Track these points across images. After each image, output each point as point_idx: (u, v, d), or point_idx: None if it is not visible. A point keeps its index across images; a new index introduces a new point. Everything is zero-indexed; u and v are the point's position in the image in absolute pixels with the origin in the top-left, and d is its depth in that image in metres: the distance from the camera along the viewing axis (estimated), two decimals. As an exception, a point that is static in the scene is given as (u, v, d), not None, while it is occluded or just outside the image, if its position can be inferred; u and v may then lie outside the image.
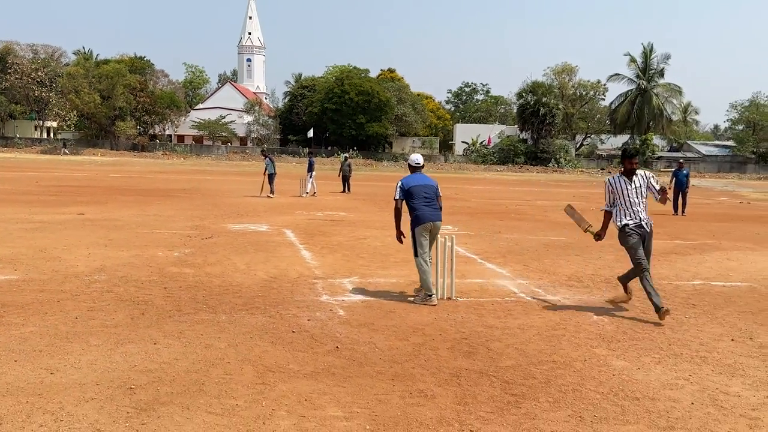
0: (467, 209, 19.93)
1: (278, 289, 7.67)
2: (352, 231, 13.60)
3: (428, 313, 6.80)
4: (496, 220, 16.71)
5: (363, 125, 65.65)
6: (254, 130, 74.05)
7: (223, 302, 6.93)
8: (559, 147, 67.47)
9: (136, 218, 14.42)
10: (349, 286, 8.01)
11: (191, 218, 14.78)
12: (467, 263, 9.98)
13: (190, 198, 20.62)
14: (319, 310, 6.77)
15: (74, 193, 21.18)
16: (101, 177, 30.99)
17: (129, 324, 6.00)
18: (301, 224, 14.40)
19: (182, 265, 8.96)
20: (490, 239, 12.95)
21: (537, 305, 7.36)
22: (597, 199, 27.35)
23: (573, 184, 43.45)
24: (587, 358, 5.47)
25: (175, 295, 7.18)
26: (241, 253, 10.14)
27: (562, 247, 12.20)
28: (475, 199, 25.14)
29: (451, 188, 32.77)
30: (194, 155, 65.44)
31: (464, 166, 64.94)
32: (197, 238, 11.60)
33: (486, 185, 38.52)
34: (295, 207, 18.81)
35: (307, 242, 11.69)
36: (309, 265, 9.37)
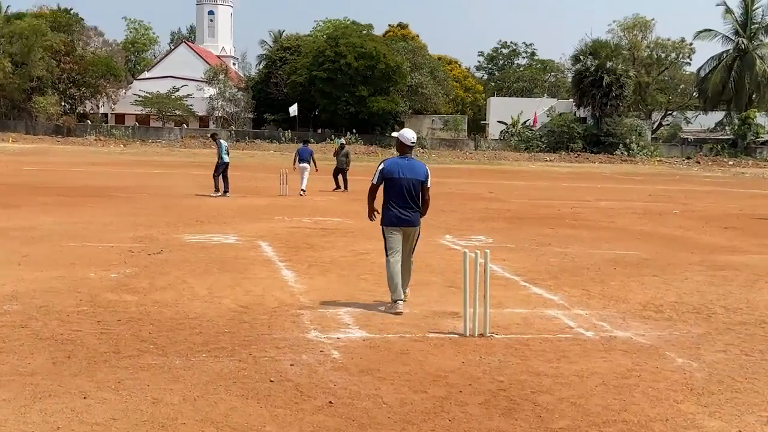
0: (506, 213, 19.92)
1: (251, 323, 7.66)
2: (350, 243, 13.61)
3: (453, 355, 6.78)
4: (545, 228, 16.70)
5: (364, 100, 65.79)
6: (218, 106, 74.28)
7: (176, 341, 6.92)
8: (629, 128, 67.44)
9: (60, 227, 14.46)
10: (347, 319, 8.00)
11: (134, 226, 14.82)
12: (506, 287, 9.96)
13: (133, 199, 20.69)
14: (307, 351, 6.75)
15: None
16: (12, 170, 31.14)
17: (50, 371, 5.99)
18: (281, 234, 14.43)
19: (122, 291, 8.96)
20: (537, 254, 12.93)
21: (601, 344, 7.32)
22: (681, 200, 27.33)
23: (648, 179, 43.45)
24: (670, 417, 5.43)
25: (113, 332, 7.16)
26: (201, 274, 10.15)
27: (634, 264, 12.16)
28: (517, 200, 25.14)
29: (484, 184, 32.81)
30: (138, 141, 65.73)
31: (501, 154, 65.00)
32: (142, 254, 11.61)
33: (531, 180, 38.52)
34: (274, 210, 18.84)
35: (289, 259, 11.69)
36: (292, 290, 9.37)
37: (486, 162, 58.84)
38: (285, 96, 70.03)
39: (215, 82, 74.01)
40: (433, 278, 10.44)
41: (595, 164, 60.51)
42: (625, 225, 18.11)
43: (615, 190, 32.03)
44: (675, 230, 17.30)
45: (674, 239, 15.63)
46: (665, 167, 60.12)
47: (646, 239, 15.42)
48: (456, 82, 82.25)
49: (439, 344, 7.15)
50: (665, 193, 30.72)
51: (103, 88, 71.24)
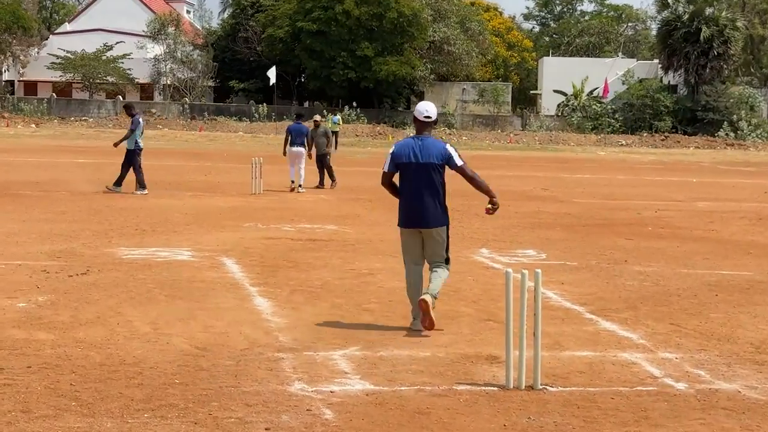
0: (565, 218, 19.88)
1: (211, 371, 7.63)
2: (349, 260, 13.60)
3: (492, 416, 6.76)
4: (619, 239, 16.68)
5: (369, 61, 65.80)
6: (167, 71, 74.33)
7: (107, 396, 6.90)
8: (737, 100, 67.25)
9: (-52, 237, 14.48)
10: (345, 365, 7.96)
11: (50, 237, 14.85)
12: (565, 321, 9.92)
13: (48, 198, 20.72)
14: (288, 410, 6.73)
15: None
16: None
17: (-67, 437, 5.99)
18: (253, 248, 14.44)
19: (33, 327, 8.93)
20: (609, 275, 12.89)
21: (697, 400, 7.26)
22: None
23: (765, 170, 43.30)
24: (794, 503, 5.40)
25: (21, 383, 7.12)
26: (142, 304, 10.13)
27: (744, 289, 12.11)
28: (580, 199, 25.11)
29: (535, 178, 32.79)
30: (55, 118, 65.94)
31: (558, 136, 64.94)
32: (61, 275, 11.60)
33: (600, 172, 38.47)
34: (243, 215, 18.86)
35: (265, 282, 11.69)
36: (269, 326, 9.34)
37: (538, 146, 58.81)
38: (259, 56, 70.06)
39: (162, 37, 74.10)
40: (464, 308, 10.43)
41: (690, 150, 60.37)
42: (732, 235, 18.04)
43: (717, 186, 31.96)
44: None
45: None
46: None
47: (760, 254, 15.36)
48: (496, 36, 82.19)
49: (472, 400, 7.10)
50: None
51: (7, 46, 71.39)
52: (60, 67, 72.14)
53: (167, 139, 55.69)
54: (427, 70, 69.85)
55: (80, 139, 51.80)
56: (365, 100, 68.75)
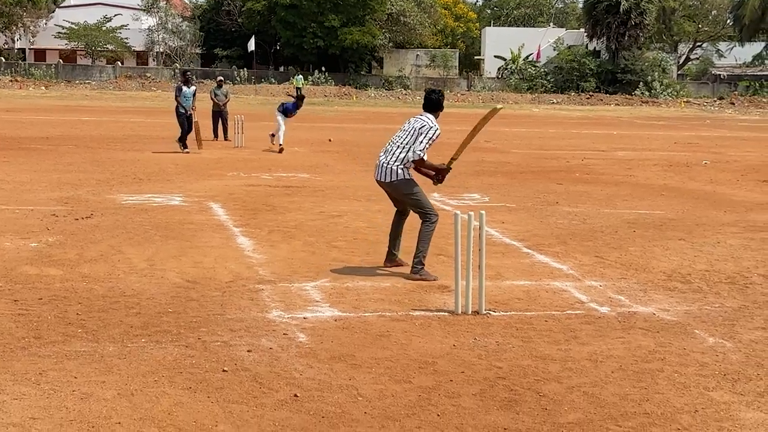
0: (505, 167, 19.94)
1: (200, 301, 7.62)
2: (319, 204, 13.57)
3: (443, 337, 6.78)
4: (551, 184, 16.73)
5: (335, 31, 65.41)
6: (159, 40, 73.55)
7: (110, 323, 6.87)
8: (651, 64, 67.61)
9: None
10: (316, 295, 7.97)
11: (59, 185, 14.70)
12: (505, 255, 9.97)
13: (57, 152, 20.48)
14: (267, 334, 6.73)
15: None
16: None
17: (-43, 361, 5.93)
18: (236, 194, 14.36)
19: (44, 263, 8.88)
20: (542, 215, 12.95)
21: (618, 322, 7.33)
22: (713, 148, 27.43)
23: (674, 124, 43.57)
24: (699, 408, 5.45)
25: (33, 313, 7.09)
26: (140, 243, 10.08)
27: (657, 225, 12.21)
28: (518, 150, 25.15)
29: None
30: (62, 81, 65.05)
31: (499, 95, 64.96)
32: (68, 219, 11.51)
33: (534, 126, 38.56)
34: (227, 165, 18.74)
35: (246, 223, 11.64)
36: (250, 261, 9.33)
37: (481, 105, 58.75)
38: (240, 27, 69.48)
39: (155, 10, 73.24)
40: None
41: (611, 107, 60.62)
42: (647, 179, 18.16)
43: (634, 138, 32.10)
44: (705, 185, 17.38)
45: (704, 195, 15.69)
46: (693, 109, 60.34)
47: (671, 196, 15.47)
48: (445, 9, 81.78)
49: (426, 324, 7.14)
50: (694, 141, 30.83)
51: (18, 17, 70.27)
52: (65, 37, 71.40)
53: (161, 100, 55.00)
54: (386, 39, 69.76)
55: (84, 100, 51.10)
56: (332, 65, 68.45)
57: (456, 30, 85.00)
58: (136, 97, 54.38)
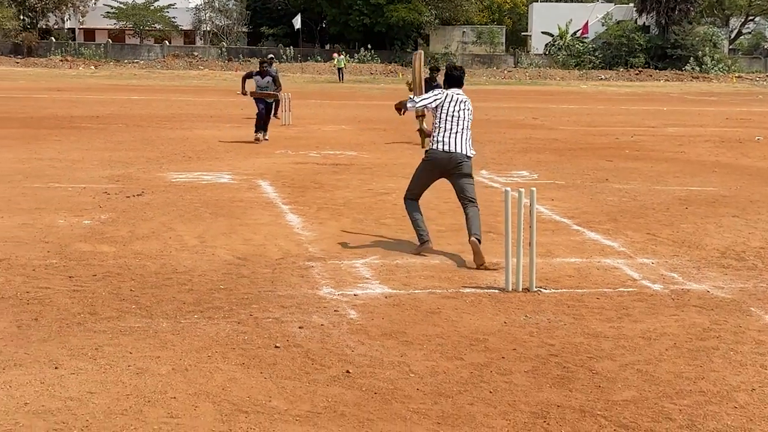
0: (553, 144, 19.77)
1: (251, 278, 7.65)
2: (367, 181, 13.56)
3: (494, 314, 6.75)
4: (601, 161, 16.57)
5: (381, 8, 65.23)
6: (207, 18, 73.87)
7: (163, 300, 6.93)
8: (702, 38, 66.60)
9: (22, 165, 14.50)
10: (366, 272, 7.97)
11: (110, 164, 14.84)
12: (555, 232, 9.90)
13: (107, 130, 20.68)
14: (318, 311, 6.75)
15: (-77, 125, 21.32)
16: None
17: (15, 336, 6.02)
18: (284, 171, 14.40)
19: (97, 241, 8.96)
20: (592, 192, 12.84)
21: (671, 299, 7.26)
22: (766, 124, 27.00)
23: (725, 99, 42.95)
24: (756, 386, 5.39)
25: (88, 289, 7.16)
26: (190, 220, 10.14)
27: (710, 202, 12.06)
28: (566, 127, 24.94)
29: (526, 109, 32.59)
30: (111, 61, 65.67)
31: (546, 71, 64.45)
32: (120, 196, 11.61)
33: (582, 103, 38.18)
34: (275, 144, 18.79)
35: (295, 201, 11.67)
36: (299, 239, 9.35)
37: (528, 81, 58.36)
38: (286, 5, 69.53)
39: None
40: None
41: (661, 82, 59.87)
42: (698, 156, 17.93)
43: (684, 114, 31.69)
44: (758, 161, 17.13)
45: (758, 172, 15.47)
46: (745, 84, 59.40)
47: (723, 172, 15.27)
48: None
49: (476, 301, 7.12)
50: (746, 116, 30.36)
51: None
52: (114, 16, 72.05)
53: (208, 78, 55.49)
54: (432, 15, 69.54)
55: (133, 79, 51.56)
56: (378, 42, 68.34)
57: (503, 6, 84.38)
58: (184, 76, 54.75)
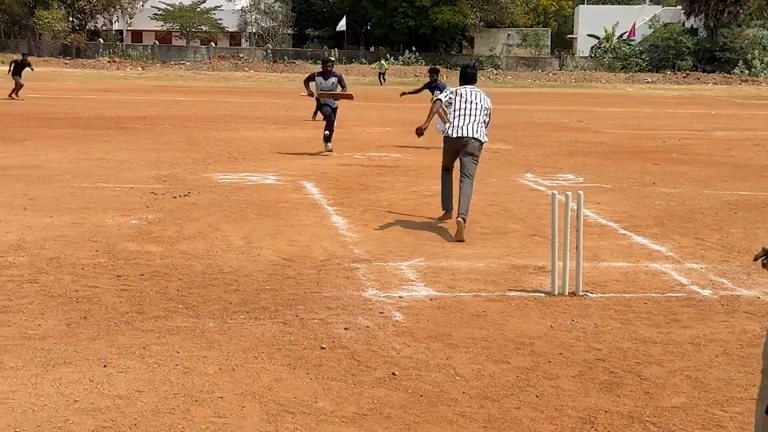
0: (599, 147, 19.63)
1: (296, 279, 7.68)
2: (411, 183, 13.56)
3: (540, 318, 6.71)
4: (648, 165, 16.43)
5: (426, 11, 65.24)
6: (252, 20, 74.33)
7: (209, 300, 6.97)
8: (752, 41, 65.83)
9: (71, 165, 14.67)
10: (411, 274, 7.96)
11: (156, 164, 14.97)
12: (602, 236, 9.83)
13: (154, 131, 20.87)
14: (363, 312, 6.76)
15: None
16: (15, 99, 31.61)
17: (64, 334, 6.09)
18: (329, 173, 14.44)
19: (144, 240, 9.05)
20: (639, 196, 12.74)
21: (721, 305, 7.18)
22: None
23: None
24: (808, 396, 5.30)
25: (135, 288, 7.24)
26: (236, 221, 10.21)
27: (759, 207, 11.93)
28: (612, 130, 24.76)
29: (572, 112, 32.41)
30: (158, 62, 66.29)
31: (592, 74, 64.05)
32: (167, 197, 11.72)
33: (629, 106, 37.89)
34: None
35: (340, 202, 11.69)
36: (344, 240, 9.37)
37: (573, 84, 58.03)
38: (331, 7, 69.80)
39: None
40: (513, 225, 10.34)
41: (709, 85, 59.21)
42: (748, 159, 17.70)
43: (733, 117, 31.32)
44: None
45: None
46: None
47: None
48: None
49: (522, 305, 7.09)
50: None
51: (117, 0, 71.72)
52: (161, 18, 72.72)
53: (253, 80, 55.87)
54: (477, 18, 69.43)
55: (179, 80, 52.01)
56: (423, 45, 68.36)
57: (548, 9, 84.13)
58: (229, 78, 55.11)
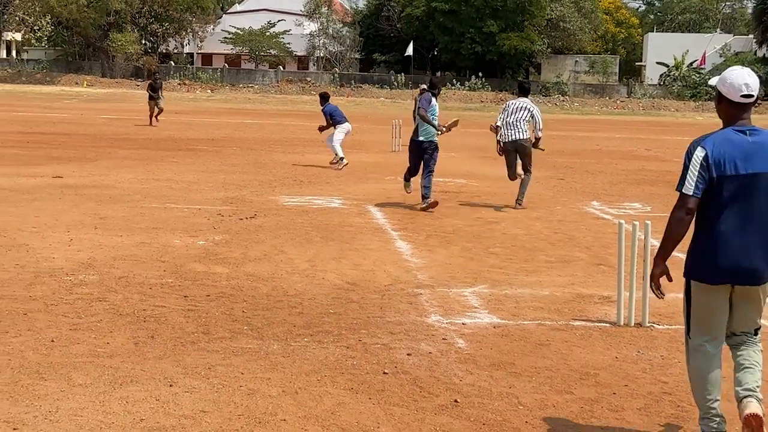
0: (667, 176, 19.37)
1: (360, 303, 7.71)
2: (476, 209, 13.53)
3: (605, 349, 6.64)
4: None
5: (493, 36, 65.21)
6: (320, 45, 74.94)
7: (274, 322, 7.03)
8: (825, 71, 64.45)
9: (141, 185, 14.92)
10: (474, 301, 7.95)
11: (224, 186, 15.14)
12: (671, 266, 9.65)
13: (222, 153, 21.14)
14: (426, 338, 6.75)
15: (47, 143, 22.17)
16: (88, 119, 32.29)
17: (132, 353, 6.18)
18: (394, 198, 14.47)
19: (211, 261, 9.16)
20: (708, 227, 12.51)
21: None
22: None
23: None
24: None
25: (201, 309, 7.33)
26: (301, 244, 10.28)
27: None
28: (680, 159, 24.30)
29: (639, 140, 32.08)
30: (227, 85, 67.13)
31: (661, 102, 63.36)
32: (233, 218, 11.85)
33: (698, 134, 37.15)
34: (385, 169, 18.88)
35: (404, 227, 11.71)
36: (408, 265, 9.38)
37: (642, 112, 57.45)
38: (398, 33, 70.06)
39: (317, 16, 74.62)
40: (578, 254, 10.25)
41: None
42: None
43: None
44: None
45: None
46: None
47: None
48: (606, 14, 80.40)
49: (587, 335, 7.03)
50: None
51: (188, 23, 72.80)
52: (231, 42, 73.54)
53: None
54: (544, 44, 69.20)
55: (247, 104, 52.58)
56: (490, 70, 68.26)
57: (617, 36, 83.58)
58: (297, 101, 55.58)
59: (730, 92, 4.76)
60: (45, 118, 32.15)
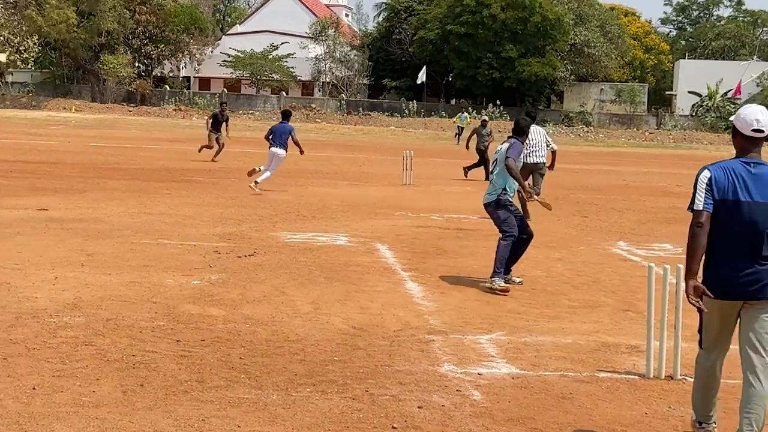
0: (700, 214, 19.35)
1: (367, 350, 7.66)
2: (492, 249, 13.44)
3: (633, 403, 6.59)
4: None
5: (512, 62, 65.55)
6: (326, 69, 75.29)
7: (273, 370, 6.99)
8: None
9: (131, 219, 14.92)
10: (491, 349, 7.90)
11: (221, 221, 15.15)
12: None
13: (219, 185, 21.17)
14: (439, 390, 6.71)
15: (32, 173, 22.23)
16: (76, 147, 32.42)
17: (120, 402, 6.15)
18: (404, 235, 14.46)
19: (206, 303, 9.13)
20: (744, 270, 12.47)
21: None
22: None
23: None
24: None
25: (195, 355, 7.29)
26: (304, 285, 10.25)
27: None
28: (714, 196, 24.34)
29: (670, 175, 32.07)
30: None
31: (693, 134, 63.48)
32: (231, 256, 11.83)
33: (733, 170, 37.27)
34: (394, 204, 18.90)
35: (415, 267, 11.68)
36: (419, 309, 9.33)
37: (672, 145, 57.56)
38: (410, 57, 70.43)
39: (323, 38, 75.09)
40: (604, 298, 10.22)
41: (822, 150, 58.20)
42: None
43: None
44: None
45: None
46: None
47: None
48: (634, 39, 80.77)
49: (613, 387, 6.98)
50: None
51: (185, 45, 73.38)
52: (231, 65, 73.91)
53: (325, 132, 56.54)
54: (568, 71, 69.40)
55: (248, 131, 52.70)
56: (508, 98, 68.48)
57: (646, 62, 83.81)
58: (300, 129, 55.47)
59: (743, 126, 5.72)
60: (30, 145, 32.32)
